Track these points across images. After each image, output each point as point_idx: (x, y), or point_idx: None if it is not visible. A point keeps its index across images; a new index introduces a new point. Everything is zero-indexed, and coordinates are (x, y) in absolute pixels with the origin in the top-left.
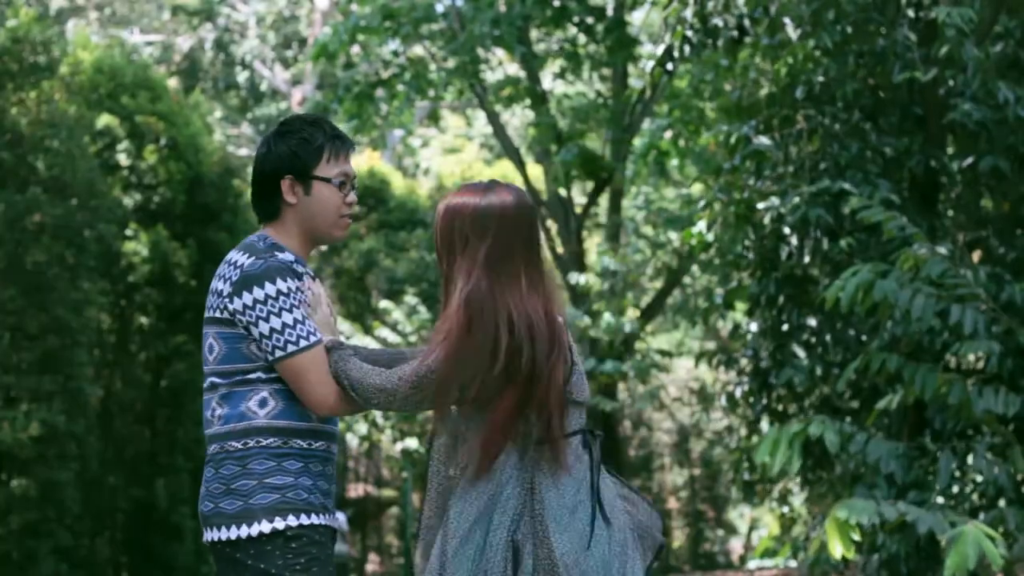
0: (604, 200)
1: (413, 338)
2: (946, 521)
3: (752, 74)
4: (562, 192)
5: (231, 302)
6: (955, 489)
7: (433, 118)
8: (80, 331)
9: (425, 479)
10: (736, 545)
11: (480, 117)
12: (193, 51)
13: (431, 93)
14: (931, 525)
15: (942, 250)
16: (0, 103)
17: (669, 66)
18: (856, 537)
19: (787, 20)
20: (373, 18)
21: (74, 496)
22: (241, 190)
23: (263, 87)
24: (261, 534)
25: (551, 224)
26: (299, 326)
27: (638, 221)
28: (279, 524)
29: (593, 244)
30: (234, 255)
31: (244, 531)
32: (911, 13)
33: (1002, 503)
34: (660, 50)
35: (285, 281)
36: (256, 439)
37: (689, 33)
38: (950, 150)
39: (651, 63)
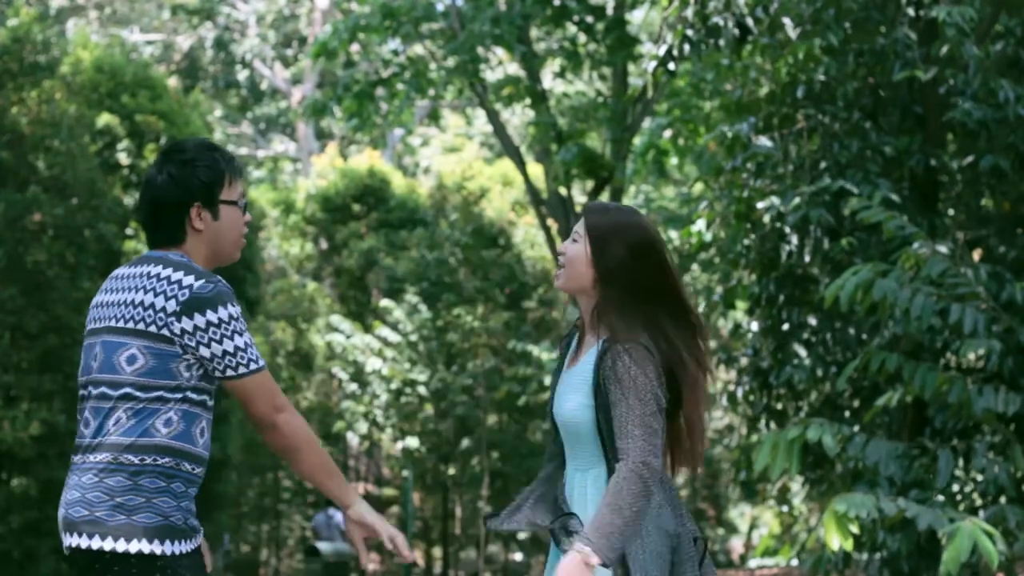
0: (605, 199)
1: (413, 337)
2: (945, 517)
3: (753, 73)
4: (562, 191)
5: (177, 321)
6: (956, 488)
7: (433, 117)
8: (80, 330)
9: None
10: (736, 544)
11: (480, 116)
12: (193, 50)
13: (431, 92)
14: (930, 521)
15: (942, 249)
16: (0, 102)
17: (671, 66)
18: (854, 530)
19: (787, 20)
20: (373, 17)
21: None
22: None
23: (263, 86)
24: (140, 553)
25: (551, 223)
26: (250, 349)
27: None
28: (156, 548)
29: None
30: (162, 271)
31: (122, 545)
32: (911, 12)
33: (1003, 501)
34: (661, 50)
35: (234, 306)
36: (153, 457)
37: (690, 32)
38: (951, 149)
39: (652, 63)
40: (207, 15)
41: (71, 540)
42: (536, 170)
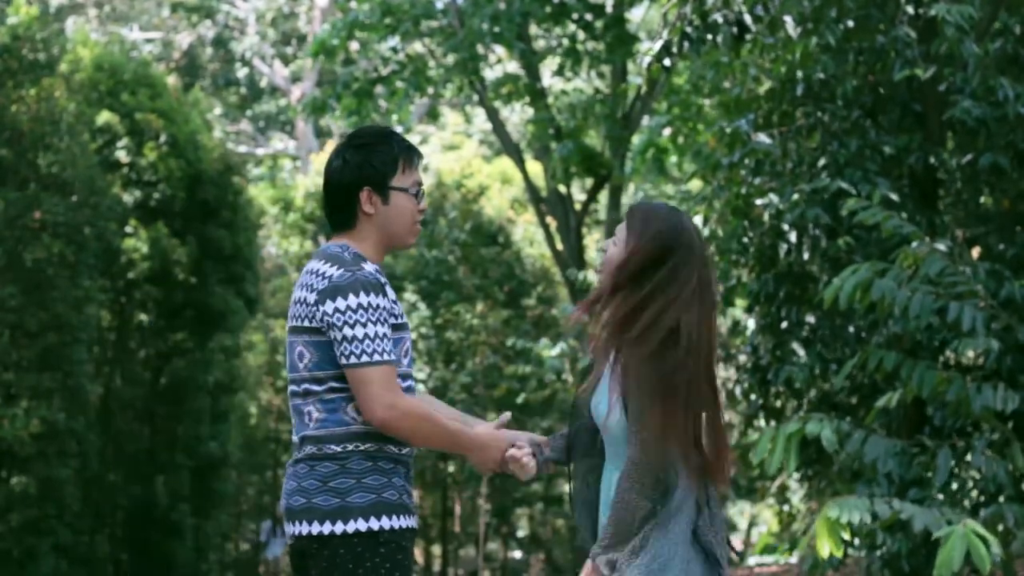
0: (604, 197)
1: (412, 335)
2: (942, 519)
3: (752, 71)
4: (561, 189)
5: (317, 309)
6: (954, 486)
7: (432, 115)
8: (80, 328)
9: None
10: (735, 541)
11: (479, 114)
12: (192, 48)
13: (430, 90)
14: (926, 522)
15: (941, 247)
16: (0, 100)
17: (667, 62)
18: (846, 536)
19: (787, 18)
20: (372, 15)
21: (74, 493)
22: (241, 187)
23: (262, 84)
24: (357, 531)
25: (551, 221)
26: (376, 341)
27: None
28: (374, 524)
29: (593, 241)
30: (318, 265)
31: (339, 527)
32: (911, 10)
33: (1001, 500)
34: (657, 45)
35: (369, 296)
36: (355, 444)
37: (688, 29)
38: (950, 147)
39: (647, 58)
40: (207, 13)
41: (293, 528)
42: (535, 168)
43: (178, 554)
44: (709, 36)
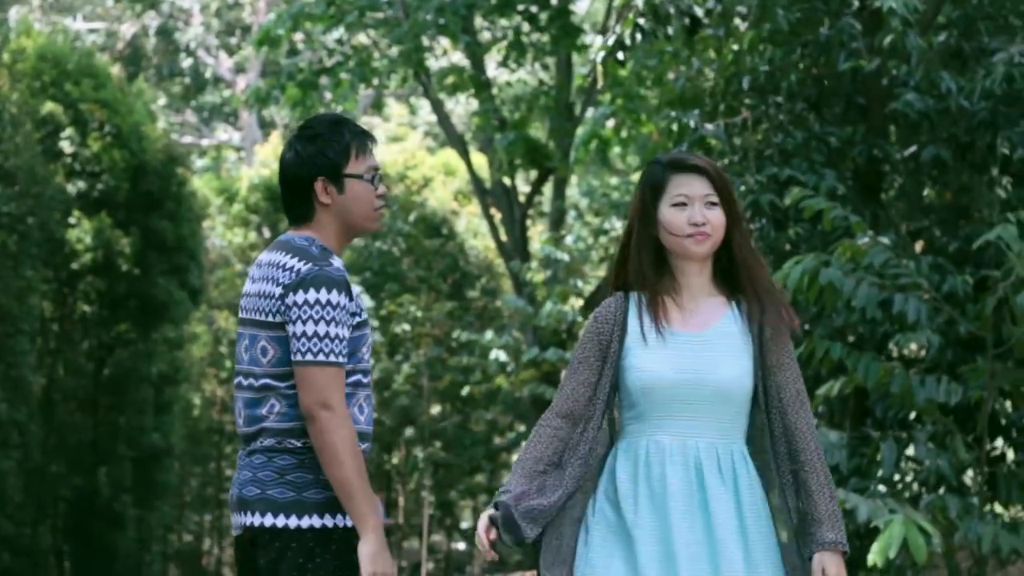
0: (548, 188)
1: None
2: (885, 508)
3: (696, 63)
4: (506, 181)
5: (282, 303)
6: (896, 477)
7: (377, 106)
8: (22, 319)
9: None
10: None
11: (424, 105)
12: (136, 38)
13: (375, 81)
14: (870, 512)
15: (885, 240)
16: None
17: (620, 55)
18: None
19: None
20: (317, 5)
21: (16, 485)
22: (185, 178)
23: (207, 74)
24: (312, 527)
25: (495, 212)
26: (330, 341)
27: (582, 209)
28: (328, 522)
29: (537, 232)
30: (282, 258)
31: (293, 521)
32: (856, 2)
33: (942, 491)
34: (611, 40)
35: (332, 293)
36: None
37: (640, 21)
38: (893, 140)
39: (601, 53)
40: (151, 3)
41: (242, 519)
42: (480, 160)
43: (120, 545)
44: (660, 28)
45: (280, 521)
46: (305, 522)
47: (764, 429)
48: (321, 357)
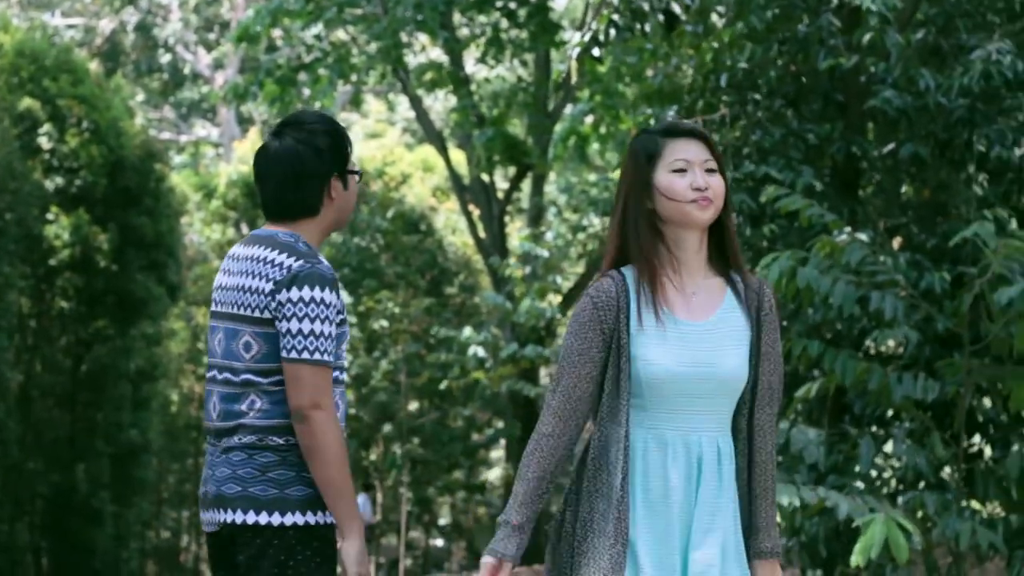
0: (527, 185)
1: None
2: (865, 506)
3: (674, 60)
4: (484, 177)
5: (272, 299)
6: (874, 474)
7: (355, 103)
8: (0, 315)
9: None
10: None
11: (403, 102)
12: (115, 34)
13: (354, 77)
14: (849, 510)
15: (863, 237)
16: None
17: (596, 52)
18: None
19: (714, 9)
20: (296, 1)
21: None
22: (163, 174)
23: (185, 70)
24: (295, 524)
25: (473, 209)
26: (321, 340)
27: (560, 205)
28: (310, 519)
29: (515, 229)
30: (268, 254)
31: (276, 519)
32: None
33: (921, 487)
34: (587, 36)
35: (324, 291)
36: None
37: (616, 17)
38: (871, 137)
39: (577, 49)
40: None
41: (222, 516)
42: (458, 156)
43: (98, 542)
44: (637, 25)
45: (263, 518)
46: (288, 519)
47: (746, 418)
48: (317, 356)
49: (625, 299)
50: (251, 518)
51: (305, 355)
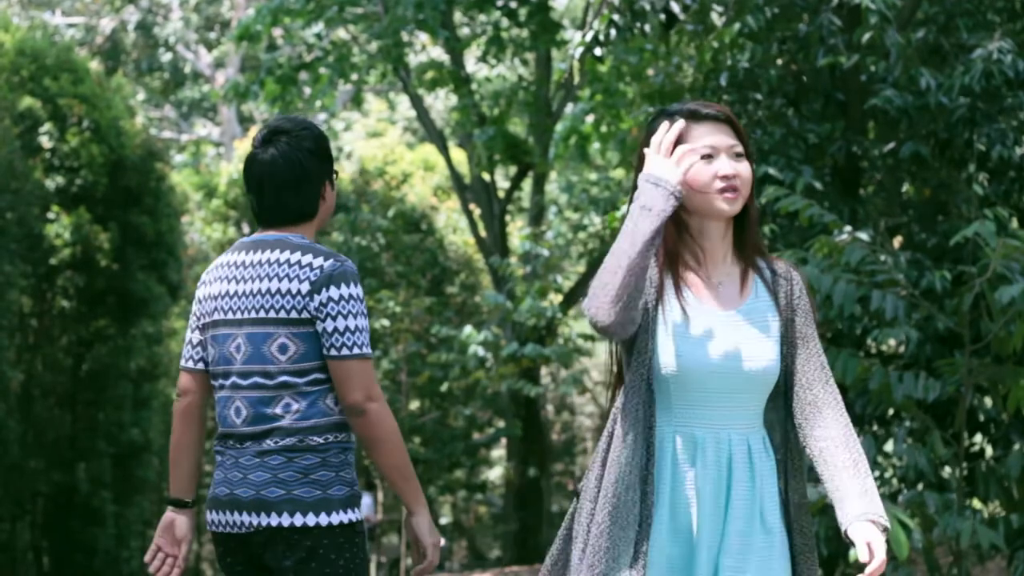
0: (528, 184)
1: None
2: None
3: (675, 59)
4: (485, 176)
5: (311, 299)
6: (875, 473)
7: (356, 102)
8: (1, 314)
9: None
10: None
11: (403, 101)
12: (115, 33)
13: (354, 76)
14: None
15: (863, 236)
16: None
17: (597, 51)
18: None
19: (713, 8)
20: (297, 1)
21: None
22: (164, 173)
23: (186, 69)
24: (341, 523)
25: (474, 208)
26: (362, 334)
27: (561, 204)
28: (353, 516)
29: (516, 228)
30: (293, 256)
31: (324, 519)
32: None
33: (921, 487)
34: (588, 36)
35: (356, 287)
36: (335, 434)
37: (616, 17)
38: (872, 136)
39: (579, 49)
40: None
41: (267, 520)
42: (459, 155)
43: (99, 541)
44: (637, 24)
45: (310, 520)
46: (335, 519)
47: (781, 411)
48: (366, 350)
49: (660, 280)
50: (299, 520)
51: (356, 350)
